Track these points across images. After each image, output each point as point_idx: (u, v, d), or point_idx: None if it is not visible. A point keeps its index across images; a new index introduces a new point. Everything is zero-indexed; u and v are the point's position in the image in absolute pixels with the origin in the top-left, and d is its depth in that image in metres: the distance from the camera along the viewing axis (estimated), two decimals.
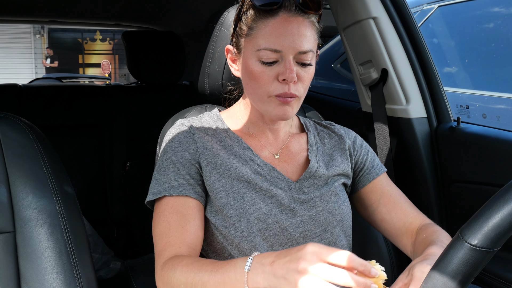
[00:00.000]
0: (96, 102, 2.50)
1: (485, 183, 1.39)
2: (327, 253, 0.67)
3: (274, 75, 0.92)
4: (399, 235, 1.03)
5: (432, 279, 0.58)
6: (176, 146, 0.99)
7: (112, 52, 15.75)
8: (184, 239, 0.90)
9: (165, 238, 0.90)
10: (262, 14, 0.92)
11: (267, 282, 0.71)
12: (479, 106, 2.19)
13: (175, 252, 0.88)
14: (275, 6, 0.90)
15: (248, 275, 0.73)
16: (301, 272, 0.66)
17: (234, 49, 1.00)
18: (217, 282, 0.76)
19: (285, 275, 0.68)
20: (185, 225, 0.91)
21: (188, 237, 0.90)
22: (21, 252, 0.89)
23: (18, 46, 14.58)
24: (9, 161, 0.92)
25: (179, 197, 0.94)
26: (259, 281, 0.72)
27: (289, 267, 0.68)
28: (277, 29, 0.90)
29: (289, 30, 0.90)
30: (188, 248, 0.89)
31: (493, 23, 2.31)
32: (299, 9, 0.91)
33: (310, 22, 0.93)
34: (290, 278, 0.68)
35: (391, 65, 1.51)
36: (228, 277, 0.76)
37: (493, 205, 0.55)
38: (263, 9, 0.91)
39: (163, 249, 0.89)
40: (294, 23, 0.91)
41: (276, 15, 0.91)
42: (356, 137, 1.13)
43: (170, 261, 0.85)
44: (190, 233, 0.91)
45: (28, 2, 2.46)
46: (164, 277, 0.84)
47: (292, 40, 0.90)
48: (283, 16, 0.91)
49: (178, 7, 2.62)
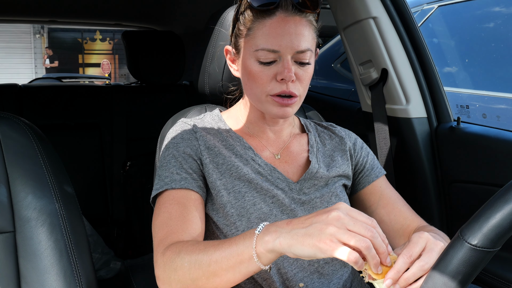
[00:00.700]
0: (96, 102, 2.50)
1: (485, 183, 1.39)
2: (357, 212, 0.68)
3: (272, 75, 0.92)
4: (397, 237, 1.03)
5: (432, 279, 0.58)
6: (178, 142, 0.99)
7: (112, 52, 15.75)
8: (186, 229, 0.87)
9: (166, 228, 0.88)
10: (260, 14, 0.92)
11: (277, 240, 0.69)
12: (479, 106, 2.20)
13: (176, 239, 0.85)
14: (272, 6, 0.91)
15: (257, 237, 0.72)
16: (330, 220, 0.66)
17: (233, 49, 1.01)
18: (224, 253, 0.74)
19: (308, 227, 0.68)
20: (187, 215, 0.89)
21: (190, 227, 0.88)
22: (21, 252, 0.89)
23: (18, 46, 14.58)
24: (9, 161, 0.92)
25: (181, 190, 0.93)
26: (268, 240, 0.70)
27: (315, 219, 0.68)
28: (275, 29, 0.90)
29: (287, 30, 0.90)
30: (190, 238, 0.87)
31: (493, 23, 2.31)
32: (296, 9, 0.91)
33: (308, 21, 0.93)
34: (314, 228, 0.67)
35: (391, 65, 1.51)
36: (235, 245, 0.74)
37: (493, 205, 0.55)
38: (260, 10, 0.91)
39: (164, 237, 0.86)
40: (292, 23, 0.91)
41: (273, 15, 0.91)
42: (357, 139, 1.14)
43: (173, 245, 0.82)
44: (192, 223, 0.89)
45: (28, 2, 2.46)
46: (166, 261, 0.80)
47: (290, 40, 0.90)
48: (280, 16, 0.91)
49: (178, 7, 2.62)
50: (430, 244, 0.73)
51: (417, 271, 0.70)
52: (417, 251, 0.72)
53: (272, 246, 0.70)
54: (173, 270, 0.79)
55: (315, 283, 0.94)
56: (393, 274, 0.69)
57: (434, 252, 0.72)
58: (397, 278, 0.69)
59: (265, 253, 0.71)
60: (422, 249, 0.72)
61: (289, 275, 0.93)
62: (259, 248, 0.71)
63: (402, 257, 0.71)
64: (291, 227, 0.69)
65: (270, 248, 0.70)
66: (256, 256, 0.71)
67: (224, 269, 0.74)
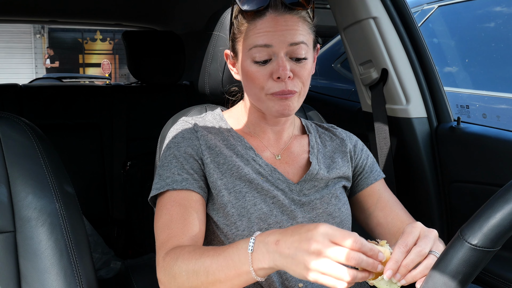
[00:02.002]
0: (96, 102, 2.50)
1: (485, 183, 1.39)
2: (339, 236, 0.67)
3: (268, 74, 0.92)
4: (393, 240, 1.03)
5: (432, 279, 0.58)
6: (179, 141, 0.99)
7: (112, 52, 15.75)
8: (186, 231, 0.89)
9: (167, 230, 0.89)
10: (251, 17, 0.92)
11: (272, 261, 0.71)
12: (479, 106, 2.19)
13: (177, 243, 0.87)
14: (261, 7, 0.91)
15: (252, 255, 0.73)
16: (312, 253, 0.66)
17: (231, 53, 1.01)
18: (220, 266, 0.75)
19: (294, 255, 0.68)
20: (188, 217, 0.90)
21: (190, 229, 0.89)
22: (21, 252, 0.89)
23: (18, 46, 14.58)
24: (9, 161, 0.92)
25: (182, 191, 0.93)
26: (264, 261, 0.71)
27: (298, 247, 0.68)
28: (266, 27, 0.91)
29: (278, 26, 0.90)
30: (191, 241, 0.88)
31: (493, 23, 2.31)
32: (286, 7, 0.91)
33: (301, 17, 0.93)
34: (299, 258, 0.67)
35: (391, 65, 1.51)
36: (231, 260, 0.75)
37: (493, 205, 0.55)
38: (249, 11, 0.92)
39: (165, 240, 0.88)
40: (282, 20, 0.91)
41: (264, 15, 0.91)
42: (357, 141, 1.14)
43: (172, 251, 0.84)
44: (192, 225, 0.90)
45: (28, 2, 2.46)
46: (166, 267, 0.83)
47: (282, 33, 0.90)
48: (271, 16, 0.91)
49: (178, 7, 2.63)
50: (424, 232, 0.75)
51: (415, 257, 0.70)
52: (412, 240, 0.73)
53: (269, 266, 0.72)
54: (172, 277, 0.81)
55: (314, 283, 0.94)
56: (392, 265, 0.70)
57: (429, 238, 0.73)
58: (396, 268, 0.70)
59: (262, 269, 0.73)
60: (416, 238, 0.73)
61: (288, 275, 0.93)
62: (256, 265, 0.73)
63: (398, 247, 0.71)
64: (279, 251, 0.70)
65: (267, 267, 0.72)
66: (253, 271, 0.73)
67: (222, 280, 0.76)
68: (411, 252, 0.71)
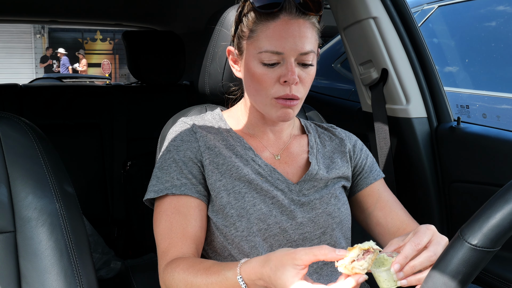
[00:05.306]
0: (96, 102, 2.50)
1: (485, 183, 1.39)
2: None
3: (276, 77, 0.92)
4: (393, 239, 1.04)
5: (432, 279, 0.58)
6: (179, 144, 0.99)
7: (112, 52, 15.74)
8: (185, 240, 0.91)
9: (167, 239, 0.92)
10: (263, 16, 0.92)
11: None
12: (479, 106, 2.19)
13: (177, 253, 0.90)
14: (276, 8, 0.90)
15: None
16: None
17: (236, 50, 1.00)
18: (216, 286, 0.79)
19: None
20: (187, 226, 0.92)
21: (189, 238, 0.92)
22: (22, 252, 0.89)
23: (18, 46, 14.57)
24: (9, 160, 0.92)
25: (181, 196, 0.94)
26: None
27: None
28: (279, 32, 0.90)
29: (290, 33, 0.90)
30: (190, 249, 0.91)
31: (493, 23, 2.31)
32: (300, 11, 0.91)
33: (311, 23, 0.93)
34: None
35: (391, 65, 1.51)
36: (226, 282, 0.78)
37: (493, 205, 0.55)
38: (263, 12, 0.91)
39: (165, 250, 0.91)
40: (295, 25, 0.91)
41: (277, 17, 0.91)
42: (357, 141, 1.14)
43: (170, 264, 0.87)
44: (191, 234, 0.92)
45: (29, 2, 2.46)
46: (165, 279, 0.87)
47: (294, 42, 0.90)
48: (284, 19, 0.91)
49: (179, 7, 2.62)
50: (436, 237, 0.75)
51: (425, 261, 0.71)
52: (425, 240, 0.73)
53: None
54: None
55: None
56: (401, 259, 0.70)
57: (440, 245, 0.74)
58: (404, 263, 0.70)
59: None
60: (428, 240, 0.74)
61: None
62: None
63: (410, 244, 0.72)
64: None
65: None
66: None
67: None
68: (421, 255, 0.71)
